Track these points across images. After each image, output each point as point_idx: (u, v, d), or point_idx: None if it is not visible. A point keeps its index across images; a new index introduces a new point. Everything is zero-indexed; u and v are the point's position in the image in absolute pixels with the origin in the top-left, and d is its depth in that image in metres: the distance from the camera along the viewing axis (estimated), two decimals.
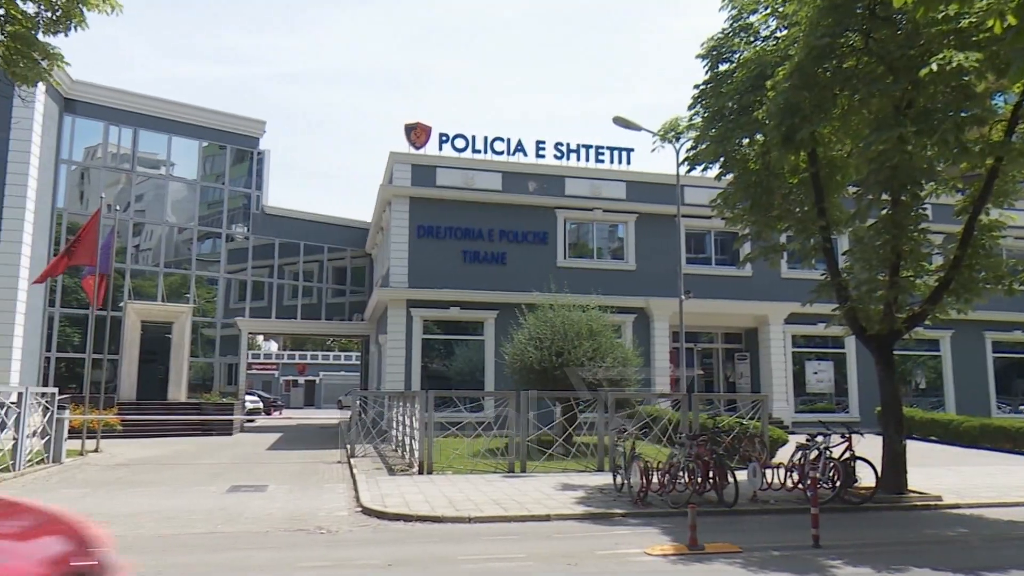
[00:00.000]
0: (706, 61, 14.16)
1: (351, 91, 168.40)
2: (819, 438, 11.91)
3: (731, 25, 13.90)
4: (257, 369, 63.96)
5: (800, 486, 11.84)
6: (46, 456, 16.77)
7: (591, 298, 20.38)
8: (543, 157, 26.79)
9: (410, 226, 25.64)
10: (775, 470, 12.28)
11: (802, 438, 12.45)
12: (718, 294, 26.76)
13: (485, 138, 26.05)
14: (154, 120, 30.68)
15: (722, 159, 13.91)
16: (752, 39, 13.80)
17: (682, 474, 11.58)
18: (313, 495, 12.75)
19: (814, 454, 11.75)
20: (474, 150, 25.97)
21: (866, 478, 11.91)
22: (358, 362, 51.51)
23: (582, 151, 26.89)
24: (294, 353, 71.54)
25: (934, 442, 22.86)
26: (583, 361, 18.06)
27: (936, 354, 29.41)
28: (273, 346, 71.68)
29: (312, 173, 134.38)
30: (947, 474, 15.36)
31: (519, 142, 26.35)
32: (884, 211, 12.28)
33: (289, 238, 34.46)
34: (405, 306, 25.09)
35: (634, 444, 12.41)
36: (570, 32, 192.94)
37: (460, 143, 25.82)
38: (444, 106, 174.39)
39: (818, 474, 11.25)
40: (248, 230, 33.49)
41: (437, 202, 25.86)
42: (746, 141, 13.72)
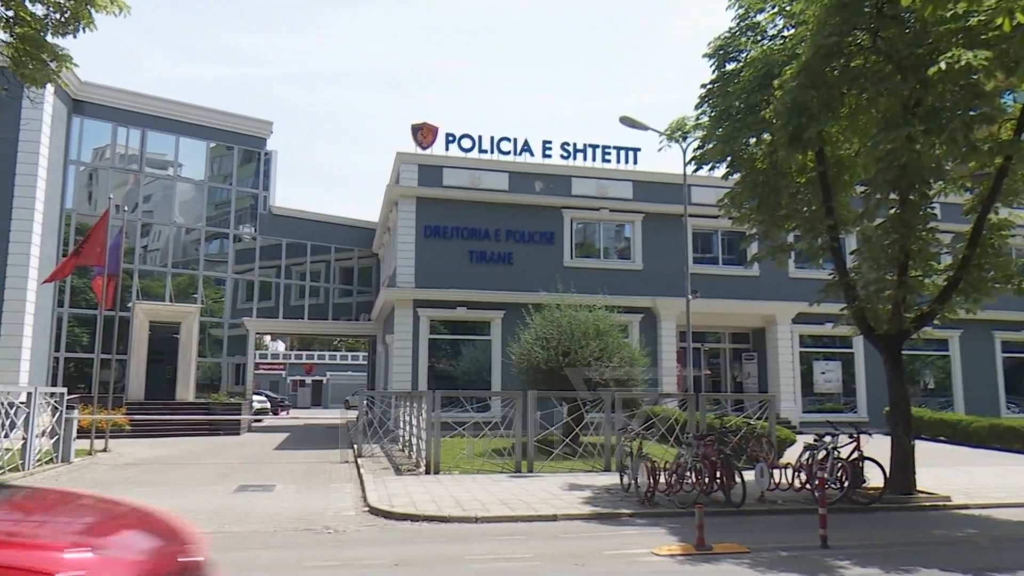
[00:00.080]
0: (713, 60, 14.12)
1: (353, 91, 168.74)
2: (827, 438, 11.86)
3: (738, 24, 13.86)
4: (264, 369, 64.14)
5: (808, 486, 11.79)
6: (55, 456, 16.84)
7: (598, 298, 20.35)
8: (549, 157, 26.79)
9: (417, 226, 25.67)
10: (783, 470, 12.23)
11: (810, 438, 12.42)
12: (725, 294, 26.70)
13: (492, 138, 26.07)
14: (162, 121, 30.80)
15: (729, 158, 13.89)
16: (759, 38, 13.76)
17: (689, 474, 11.55)
18: (320, 495, 12.78)
19: (822, 454, 11.71)
20: (480, 150, 25.98)
21: (874, 478, 11.85)
22: (365, 362, 51.62)
23: (588, 151, 26.88)
24: (301, 353, 71.72)
25: (943, 442, 22.75)
26: (590, 361, 18.04)
27: (945, 354, 29.28)
28: (280, 346, 71.93)
29: (316, 173, 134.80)
30: (956, 474, 15.29)
31: (525, 142, 26.36)
32: (892, 210, 12.22)
33: (296, 238, 34.55)
34: (412, 306, 25.12)
35: (641, 444, 12.39)
36: (570, 32, 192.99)
37: (467, 143, 25.84)
38: (445, 106, 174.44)
39: (826, 474, 11.19)
40: (255, 230, 33.59)
41: (444, 202, 25.88)
42: (753, 140, 13.67)
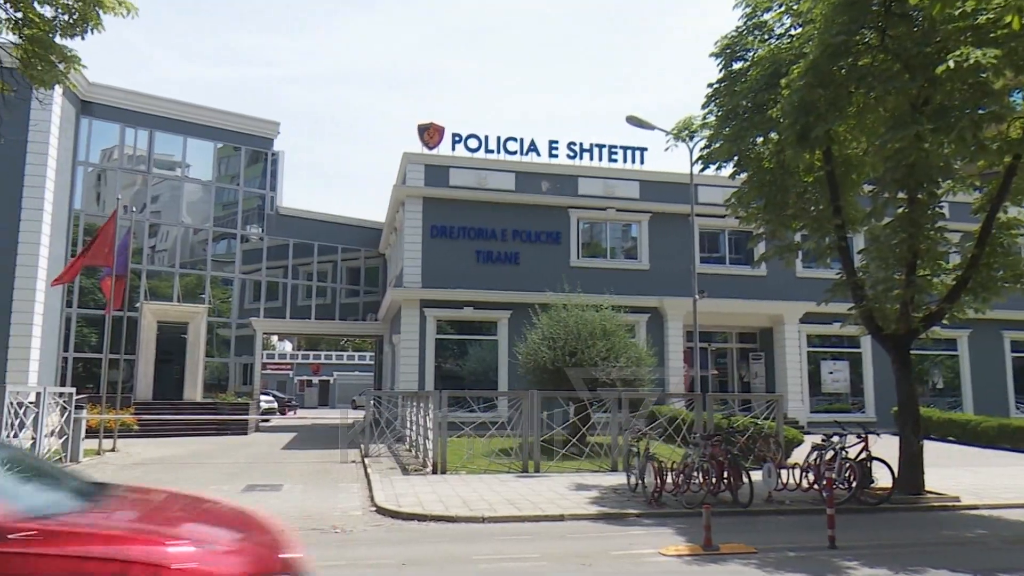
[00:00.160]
0: (720, 59, 14.09)
1: (355, 91, 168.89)
2: (835, 438, 11.83)
3: (745, 23, 13.81)
4: (272, 369, 64.31)
5: (816, 487, 11.76)
6: (64, 455, 16.93)
7: (604, 298, 20.34)
8: (556, 157, 26.77)
9: (423, 226, 25.69)
10: (790, 470, 12.20)
11: (818, 438, 12.38)
12: (732, 293, 26.63)
13: (498, 138, 26.06)
14: (169, 122, 30.91)
15: (736, 158, 13.84)
16: (766, 37, 13.71)
17: (696, 474, 11.54)
18: (328, 494, 12.80)
19: (830, 454, 11.67)
20: (487, 150, 25.98)
21: (883, 479, 11.82)
22: (372, 362, 51.65)
23: (595, 151, 26.85)
24: (308, 353, 71.87)
25: (952, 442, 22.65)
26: (596, 361, 18.02)
27: (954, 353, 29.14)
28: (287, 346, 72.07)
29: (319, 173, 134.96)
30: (965, 475, 15.21)
31: (532, 142, 26.35)
32: (900, 209, 12.18)
33: (303, 239, 34.63)
34: (418, 306, 25.14)
35: (648, 444, 12.37)
36: (570, 32, 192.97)
37: (473, 143, 25.85)
38: (446, 106, 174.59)
39: (834, 474, 11.15)
40: (263, 231, 33.68)
41: (450, 202, 25.89)
42: (760, 140, 13.63)
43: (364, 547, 8.81)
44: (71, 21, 9.55)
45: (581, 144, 26.81)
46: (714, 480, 11.46)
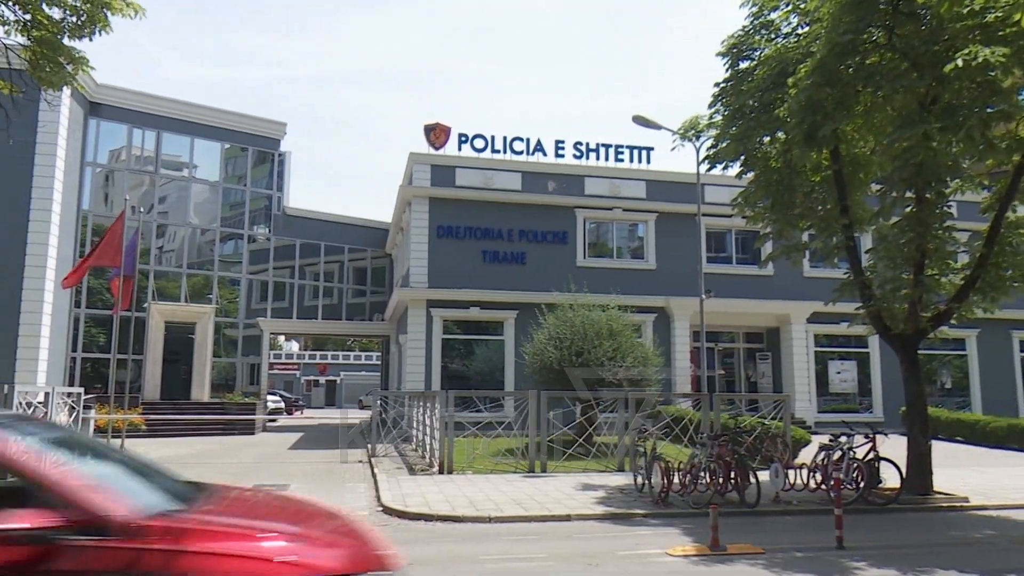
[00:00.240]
0: (726, 59, 14.05)
1: (355, 92, 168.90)
2: (842, 438, 11.80)
3: (752, 22, 13.78)
4: (279, 369, 64.43)
5: (823, 487, 11.72)
6: None
7: (611, 298, 20.31)
8: (562, 157, 26.75)
9: (430, 226, 25.71)
10: (798, 471, 12.17)
11: (825, 438, 12.34)
12: (739, 293, 26.57)
13: (504, 138, 26.06)
14: (177, 123, 31.02)
15: (743, 157, 13.81)
16: (773, 36, 13.68)
17: (703, 474, 11.51)
18: (335, 494, 12.82)
19: (837, 454, 11.63)
20: (493, 150, 25.98)
21: (891, 479, 11.76)
22: (379, 362, 51.74)
23: (601, 150, 26.82)
24: (315, 353, 71.99)
25: (960, 443, 22.55)
26: (603, 361, 18.00)
27: (962, 353, 29.00)
28: (294, 346, 72.21)
29: (324, 174, 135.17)
30: (973, 475, 15.14)
31: (538, 142, 26.34)
32: (908, 209, 12.13)
33: (310, 239, 34.70)
34: (425, 306, 25.17)
35: (655, 444, 12.35)
36: (569, 32, 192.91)
37: (479, 143, 25.85)
38: (446, 106, 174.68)
39: (841, 475, 11.10)
40: (269, 231, 33.77)
41: (457, 202, 25.90)
42: (767, 139, 13.59)
43: None
44: (79, 23, 9.59)
45: (587, 144, 26.78)
46: (721, 480, 11.43)
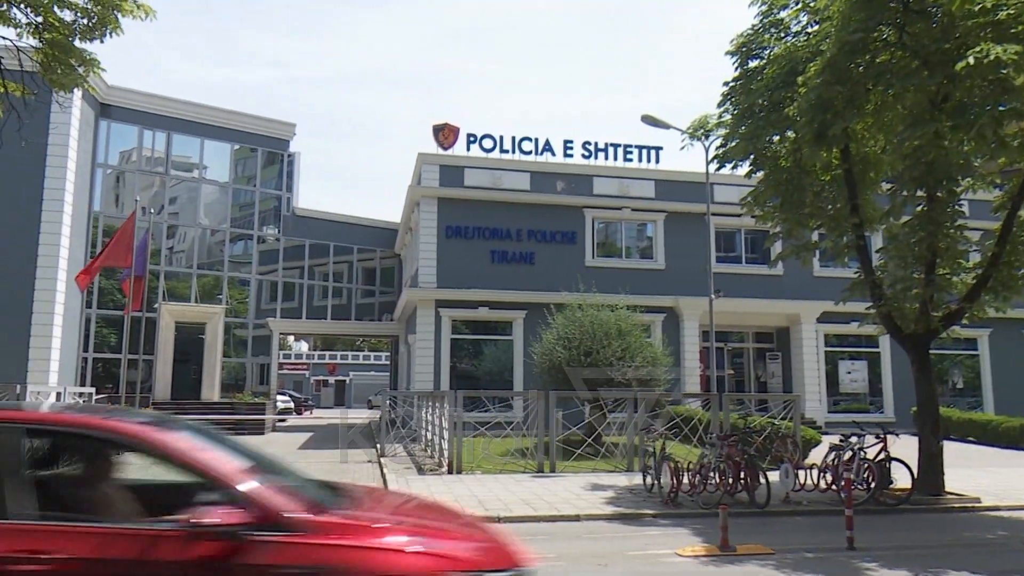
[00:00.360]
0: (735, 58, 13.99)
1: (361, 92, 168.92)
2: (853, 439, 11.73)
3: (761, 21, 13.72)
4: (288, 369, 64.67)
5: (834, 487, 11.66)
6: None
7: (620, 298, 20.28)
8: (571, 156, 26.74)
9: (438, 226, 25.74)
10: (808, 471, 12.12)
11: (835, 438, 12.29)
12: (749, 293, 26.48)
13: (513, 138, 26.06)
14: (187, 124, 31.17)
15: (752, 156, 13.74)
16: (783, 35, 13.61)
17: (713, 475, 11.47)
18: None
19: (848, 455, 11.57)
20: (502, 150, 26.00)
21: (902, 479, 11.70)
22: (388, 362, 51.79)
23: (610, 150, 26.79)
24: (324, 353, 72.21)
25: (972, 443, 22.42)
26: (612, 361, 17.98)
27: (974, 353, 28.82)
28: (304, 346, 72.42)
29: (331, 175, 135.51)
30: (985, 475, 15.05)
31: (547, 142, 26.33)
32: (919, 208, 12.07)
33: (319, 239, 34.80)
34: (434, 306, 25.19)
35: (664, 444, 12.33)
36: (570, 32, 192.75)
37: (488, 143, 25.87)
38: (446, 106, 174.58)
39: (852, 475, 11.04)
40: (279, 232, 33.89)
41: (465, 202, 25.92)
42: (777, 138, 13.53)
43: None
44: (90, 24, 9.63)
45: (596, 144, 26.76)
46: (731, 481, 11.38)
